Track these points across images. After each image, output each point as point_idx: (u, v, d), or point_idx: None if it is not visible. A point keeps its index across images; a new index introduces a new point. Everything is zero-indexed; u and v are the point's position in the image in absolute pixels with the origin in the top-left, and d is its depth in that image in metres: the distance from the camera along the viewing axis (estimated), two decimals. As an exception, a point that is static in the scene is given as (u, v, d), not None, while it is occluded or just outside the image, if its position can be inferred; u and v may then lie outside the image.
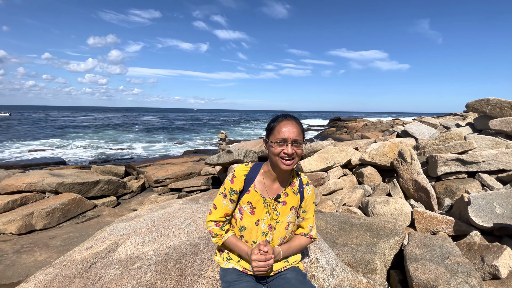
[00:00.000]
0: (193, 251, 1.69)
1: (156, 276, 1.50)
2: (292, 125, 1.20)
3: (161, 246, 1.78)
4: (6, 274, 3.22)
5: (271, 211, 1.29)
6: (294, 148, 1.18)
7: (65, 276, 1.60)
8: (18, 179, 5.97)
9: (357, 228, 3.03)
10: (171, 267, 1.56)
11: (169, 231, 2.02)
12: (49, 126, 38.73)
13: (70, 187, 6.33)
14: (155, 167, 9.33)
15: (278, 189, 1.31)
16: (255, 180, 1.30)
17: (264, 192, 1.29)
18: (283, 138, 1.18)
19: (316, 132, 34.51)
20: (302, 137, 1.22)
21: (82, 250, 1.94)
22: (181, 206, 2.73)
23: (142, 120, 59.61)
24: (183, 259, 1.62)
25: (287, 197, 1.32)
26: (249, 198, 1.28)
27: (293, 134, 1.18)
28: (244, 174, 1.30)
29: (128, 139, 27.04)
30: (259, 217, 1.28)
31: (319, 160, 6.02)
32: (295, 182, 1.35)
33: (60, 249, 4.06)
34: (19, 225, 4.61)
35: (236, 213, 1.32)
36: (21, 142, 22.53)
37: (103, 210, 6.15)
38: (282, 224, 1.30)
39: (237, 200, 1.31)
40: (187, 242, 1.80)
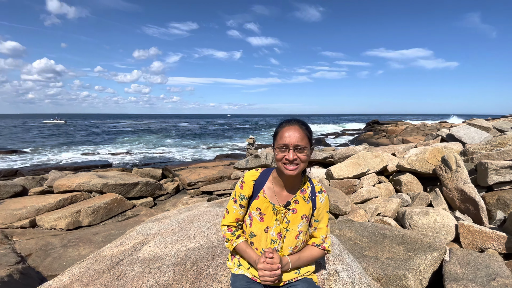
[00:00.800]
0: (210, 255, 1.71)
1: (173, 277, 1.55)
2: (295, 130, 1.16)
3: (181, 248, 1.84)
4: (53, 266, 3.61)
5: (280, 218, 1.25)
6: (297, 153, 1.14)
7: (95, 270, 1.73)
8: (69, 180, 6.69)
9: (389, 241, 2.80)
10: (188, 269, 1.60)
11: (190, 233, 2.08)
12: (99, 132, 43.03)
13: (113, 187, 6.89)
14: (188, 170, 9.75)
15: (288, 196, 1.27)
16: (264, 186, 1.27)
17: (273, 198, 1.26)
18: (284, 144, 1.14)
19: (351, 136, 33.00)
20: (306, 142, 1.16)
21: (113, 247, 2.09)
22: (205, 209, 2.80)
23: (179, 126, 63.01)
24: (200, 262, 1.65)
25: (298, 205, 1.27)
26: (258, 204, 1.26)
27: (294, 139, 1.14)
28: (253, 180, 1.28)
29: (166, 143, 28.79)
30: (269, 224, 1.25)
31: (351, 166, 5.73)
32: (307, 189, 1.29)
33: (101, 245, 4.43)
34: (68, 221, 5.15)
35: (246, 219, 1.31)
36: (75, 146, 25.35)
37: (141, 210, 6.58)
38: (292, 232, 1.25)
39: (247, 205, 1.30)
40: (205, 245, 1.84)
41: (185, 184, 8.66)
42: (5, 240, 4.14)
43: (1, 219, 5.09)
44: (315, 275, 1.36)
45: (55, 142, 29.01)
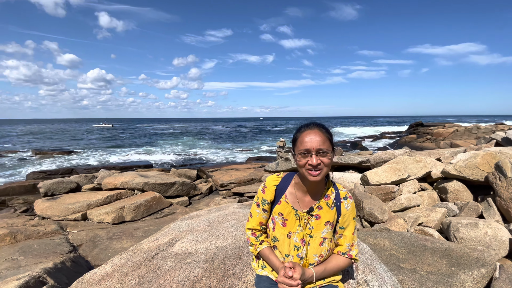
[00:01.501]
0: (237, 254, 1.76)
1: (202, 273, 1.63)
2: (315, 134, 1.13)
3: (211, 246, 1.92)
4: (99, 256, 3.99)
5: (303, 224, 1.23)
6: (320, 158, 1.11)
7: (134, 262, 1.89)
8: (115, 178, 7.35)
9: (430, 253, 2.58)
10: (216, 266, 1.67)
11: (219, 232, 2.16)
12: (142, 135, 46.54)
13: (153, 186, 7.40)
14: (221, 172, 10.05)
15: (310, 201, 1.24)
16: (286, 191, 1.27)
17: (295, 204, 1.25)
18: (306, 149, 1.12)
19: (391, 139, 30.92)
20: (328, 145, 1.13)
21: (150, 241, 2.26)
22: (235, 209, 2.87)
23: (213, 129, 65.26)
24: (227, 261, 1.70)
25: (321, 211, 1.24)
26: (280, 209, 1.25)
27: (316, 143, 1.11)
28: (275, 185, 1.28)
29: (200, 145, 30.03)
30: (291, 229, 1.24)
31: (390, 172, 5.40)
32: (331, 195, 1.26)
33: (141, 239, 4.78)
34: (113, 216, 5.66)
35: (269, 223, 1.31)
36: (121, 148, 27.73)
37: (177, 208, 6.96)
38: (316, 239, 1.23)
39: (269, 210, 1.31)
40: (233, 245, 1.89)
41: (217, 185, 8.94)
42: (60, 231, 4.69)
43: (58, 212, 5.78)
44: (341, 283, 1.31)
45: (104, 144, 32.11)
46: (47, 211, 5.81)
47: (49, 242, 4.00)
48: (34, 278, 2.41)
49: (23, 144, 32.16)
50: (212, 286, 1.54)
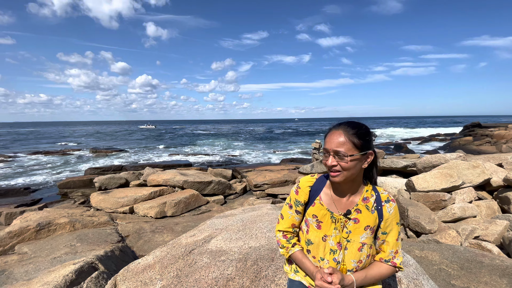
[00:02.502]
0: (270, 256, 1.75)
1: (235, 272, 1.65)
2: (338, 134, 1.08)
3: (244, 245, 1.95)
4: (143, 247, 4.32)
5: (339, 227, 1.18)
6: (338, 160, 1.07)
7: (173, 255, 2.01)
8: (159, 176, 7.89)
9: (488, 271, 2.28)
10: (248, 266, 1.68)
11: (252, 232, 2.18)
12: (182, 136, 49.33)
13: (191, 184, 7.77)
14: (255, 172, 10.15)
15: (348, 204, 1.18)
16: (321, 192, 1.22)
17: (331, 206, 1.20)
18: (325, 148, 1.11)
19: (442, 142, 28.02)
20: (348, 148, 1.06)
21: (187, 237, 2.37)
22: (268, 211, 2.87)
23: (248, 130, 66.25)
24: (260, 262, 1.71)
25: (360, 214, 1.17)
26: (315, 211, 1.21)
27: (333, 144, 1.07)
28: (309, 186, 1.25)
29: (236, 146, 30.73)
30: (326, 232, 1.19)
31: (440, 177, 4.91)
32: (370, 198, 1.18)
33: (180, 234, 5.06)
34: (156, 211, 6.07)
35: (303, 226, 1.28)
36: (163, 147, 29.72)
37: (213, 206, 7.21)
38: (355, 244, 1.16)
39: (303, 211, 1.28)
40: (266, 246, 1.89)
41: (251, 186, 9.03)
42: (111, 222, 5.19)
43: (110, 204, 6.40)
44: (381, 294, 1.22)
45: (149, 143, 34.80)
46: (101, 203, 6.47)
47: (102, 232, 4.45)
48: (88, 263, 2.70)
49: (83, 143, 36.46)
50: (245, 286, 1.55)
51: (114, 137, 48.95)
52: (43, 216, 4.66)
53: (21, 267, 3.16)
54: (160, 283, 1.69)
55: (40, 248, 3.82)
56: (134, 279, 1.81)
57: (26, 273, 3.02)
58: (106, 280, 2.34)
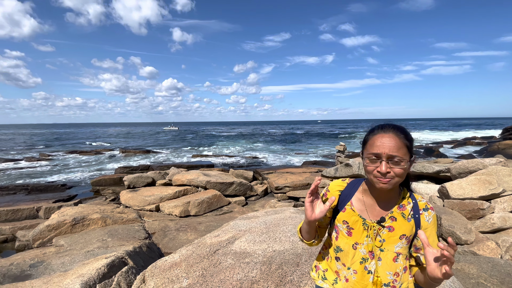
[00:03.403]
0: (295, 261, 1.72)
1: (260, 275, 1.64)
2: (389, 137, 1.00)
3: (268, 248, 1.93)
4: (168, 245, 4.45)
5: (372, 235, 1.11)
6: (391, 166, 0.98)
7: (198, 254, 2.04)
8: (183, 176, 8.12)
9: (537, 290, 2.05)
10: (273, 270, 1.66)
11: (276, 235, 2.16)
12: (204, 137, 50.51)
13: (214, 185, 7.91)
14: (276, 174, 10.09)
15: (382, 211, 1.12)
16: (352, 198, 1.17)
17: (363, 212, 1.14)
18: (375, 154, 1.00)
19: (478, 146, 25.96)
20: (404, 153, 0.99)
21: (212, 237, 2.40)
22: (291, 214, 2.83)
23: (268, 132, 66.18)
24: (284, 266, 1.68)
25: (395, 222, 1.10)
26: (345, 217, 1.16)
27: (388, 148, 0.98)
28: (339, 190, 1.20)
29: (256, 148, 30.82)
30: (358, 240, 1.14)
31: (477, 184, 4.56)
32: (407, 205, 1.11)
33: (203, 233, 5.16)
34: (180, 210, 6.25)
35: (332, 232, 1.23)
36: (186, 147, 30.62)
37: (234, 207, 7.27)
38: (389, 254, 1.10)
39: (331, 215, 1.23)
40: (290, 250, 1.86)
41: (272, 188, 8.99)
42: (139, 219, 5.42)
43: (137, 202, 6.69)
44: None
45: (173, 144, 36.07)
46: (129, 201, 6.79)
47: (130, 228, 4.66)
48: (118, 258, 2.83)
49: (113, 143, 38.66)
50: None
51: (141, 137, 51.39)
52: (78, 212, 4.99)
53: (58, 259, 3.40)
54: (186, 282, 1.72)
55: (75, 241, 4.08)
56: (161, 275, 1.87)
57: (62, 265, 3.25)
58: (135, 275, 2.44)
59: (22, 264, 3.25)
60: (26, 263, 3.27)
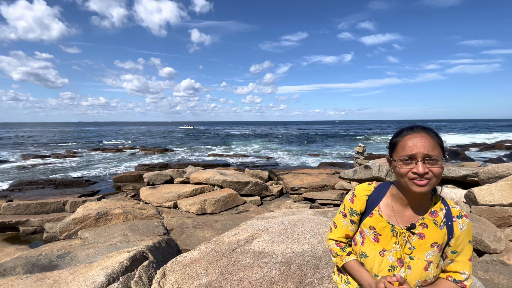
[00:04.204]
0: (315, 263, 1.69)
1: (279, 276, 1.63)
2: (422, 137, 0.97)
3: (287, 249, 1.92)
4: (185, 242, 4.54)
5: (401, 242, 1.07)
6: (428, 166, 0.94)
7: (217, 252, 2.07)
8: (200, 174, 8.26)
9: None
10: (293, 271, 1.65)
11: (295, 237, 2.14)
12: (220, 136, 51.08)
13: (230, 184, 7.98)
14: (292, 175, 10.01)
15: (412, 217, 1.07)
16: (380, 202, 1.13)
17: (392, 218, 1.10)
18: (409, 155, 0.96)
19: (508, 150, 24.38)
20: (439, 152, 0.96)
21: (230, 235, 2.42)
22: (309, 216, 2.80)
23: (283, 132, 65.82)
24: (304, 268, 1.66)
25: (426, 230, 1.05)
26: (372, 222, 1.12)
27: (423, 148, 0.95)
28: (366, 195, 1.16)
29: (271, 148, 30.74)
30: (385, 246, 1.09)
31: (508, 190, 4.30)
32: (439, 212, 1.06)
33: (219, 231, 5.22)
34: (197, 207, 6.36)
35: (357, 237, 1.19)
36: (203, 147, 31.12)
37: (250, 207, 7.29)
38: (419, 262, 1.04)
39: (358, 222, 1.20)
40: (310, 252, 1.83)
41: (288, 189, 8.93)
42: (157, 215, 5.57)
43: (156, 199, 6.89)
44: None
45: (188, 143, 36.81)
46: (149, 197, 7.00)
47: (149, 224, 4.80)
48: (140, 252, 2.93)
49: (134, 141, 40.06)
50: (289, 290, 1.53)
51: (159, 136, 52.87)
52: (101, 206, 5.21)
53: (83, 251, 3.56)
54: (206, 278, 1.75)
55: (99, 234, 4.26)
56: (181, 271, 1.91)
57: (87, 257, 3.40)
58: (155, 270, 2.51)
59: (50, 254, 3.44)
60: (54, 253, 3.46)
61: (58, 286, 2.28)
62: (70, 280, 2.30)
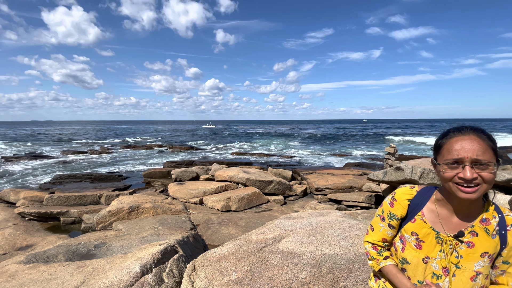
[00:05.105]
0: (347, 267, 1.64)
1: (310, 277, 1.61)
2: (471, 140, 0.89)
3: (317, 251, 1.88)
4: (211, 237, 4.65)
5: (447, 250, 0.99)
6: (478, 171, 0.86)
7: (245, 250, 2.08)
8: (224, 172, 8.40)
9: None
10: (324, 274, 1.61)
11: (324, 239, 2.09)
12: (242, 135, 51.62)
13: (253, 182, 8.02)
14: (316, 175, 9.82)
15: (460, 224, 0.99)
16: (423, 207, 1.05)
17: (436, 224, 1.02)
18: (456, 159, 0.89)
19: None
20: (490, 156, 0.87)
21: (257, 233, 2.43)
22: (338, 218, 2.72)
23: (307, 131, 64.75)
24: (336, 271, 1.62)
25: (476, 238, 0.96)
26: (415, 228, 1.05)
27: (471, 152, 0.87)
28: (408, 199, 1.09)
29: (294, 147, 30.39)
30: (429, 254, 1.02)
31: None
32: (491, 219, 0.97)
33: (243, 229, 5.27)
34: (222, 204, 6.47)
35: (397, 242, 1.13)
36: (226, 145, 31.66)
37: (273, 206, 7.28)
38: (466, 272, 0.97)
39: (398, 226, 1.13)
40: (341, 256, 1.78)
41: (312, 189, 8.77)
42: (185, 210, 5.76)
43: (183, 195, 7.12)
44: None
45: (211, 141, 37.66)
46: (176, 193, 7.26)
47: (177, 218, 4.98)
48: (170, 246, 3.04)
49: (162, 139, 41.88)
50: (321, 293, 1.49)
51: (185, 134, 54.71)
52: (133, 200, 5.50)
53: (117, 242, 3.78)
54: (235, 275, 1.77)
55: (131, 227, 4.50)
56: (211, 267, 1.95)
57: (121, 247, 3.61)
58: (185, 263, 2.60)
59: (88, 244, 3.70)
60: (92, 243, 3.71)
61: (97, 274, 2.44)
62: (107, 269, 2.45)
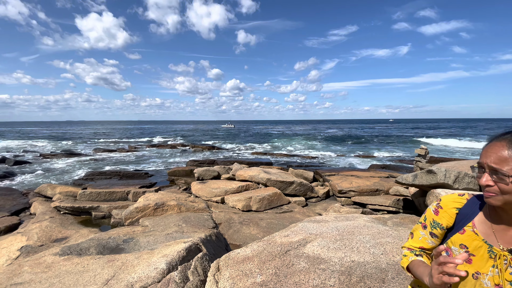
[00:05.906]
0: (380, 276, 1.55)
1: (339, 285, 1.54)
2: (498, 146, 0.84)
3: (345, 258, 1.80)
4: (233, 237, 4.67)
5: (501, 266, 0.90)
6: (495, 180, 0.83)
7: (269, 252, 2.05)
8: (245, 172, 8.43)
9: None
10: (354, 282, 1.53)
11: (353, 245, 2.00)
12: (262, 135, 51.62)
13: (274, 183, 7.97)
14: (339, 177, 9.54)
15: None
16: (475, 218, 0.97)
17: (490, 237, 0.93)
18: (478, 162, 0.89)
19: None
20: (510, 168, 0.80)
21: (281, 236, 2.39)
22: (366, 223, 2.60)
23: (329, 131, 63.24)
24: (367, 280, 1.53)
25: None
26: (464, 240, 0.96)
27: (491, 159, 0.83)
28: (457, 207, 1.00)
29: (315, 147, 29.81)
30: (480, 269, 0.93)
31: None
32: None
33: (264, 229, 5.24)
34: (243, 204, 6.49)
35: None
36: (246, 145, 31.83)
37: (294, 207, 7.17)
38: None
39: (441, 236, 1.04)
40: (372, 264, 1.69)
41: (335, 191, 8.52)
42: (207, 209, 5.85)
43: (206, 193, 7.24)
44: None
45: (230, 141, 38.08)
46: (199, 191, 7.41)
47: (200, 217, 5.06)
48: (194, 244, 3.09)
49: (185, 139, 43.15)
50: (351, 302, 1.42)
51: (206, 134, 55.88)
52: (159, 198, 5.68)
53: (144, 237, 3.92)
54: (260, 278, 1.75)
55: (157, 223, 4.65)
56: (235, 267, 1.94)
57: (148, 243, 3.73)
58: (208, 262, 2.62)
59: (117, 238, 3.86)
60: (120, 238, 3.88)
61: (126, 268, 2.54)
62: (135, 264, 2.53)
